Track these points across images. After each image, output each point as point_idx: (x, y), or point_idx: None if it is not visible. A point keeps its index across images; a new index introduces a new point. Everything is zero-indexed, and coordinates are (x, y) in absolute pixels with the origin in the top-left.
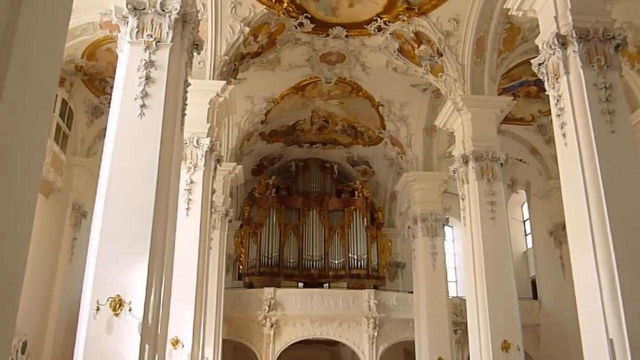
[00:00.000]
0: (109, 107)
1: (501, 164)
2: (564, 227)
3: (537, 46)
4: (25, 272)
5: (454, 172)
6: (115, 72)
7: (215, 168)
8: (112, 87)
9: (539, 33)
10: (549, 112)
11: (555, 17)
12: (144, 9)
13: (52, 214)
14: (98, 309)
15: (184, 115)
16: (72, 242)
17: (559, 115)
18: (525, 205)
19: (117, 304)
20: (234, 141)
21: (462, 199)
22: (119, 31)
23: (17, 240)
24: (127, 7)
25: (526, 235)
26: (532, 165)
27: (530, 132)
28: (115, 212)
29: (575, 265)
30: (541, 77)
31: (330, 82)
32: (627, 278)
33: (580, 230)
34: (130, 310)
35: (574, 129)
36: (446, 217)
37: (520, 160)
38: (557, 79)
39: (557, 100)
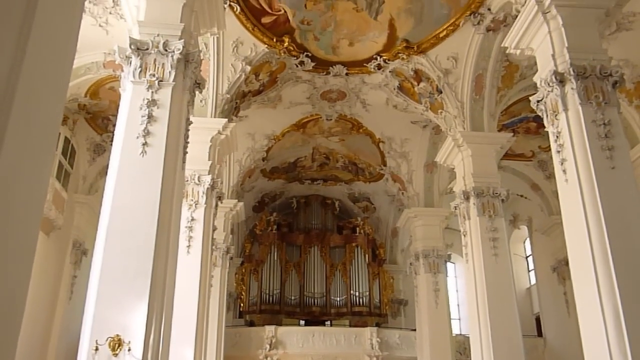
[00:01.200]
0: (111, 145)
1: (502, 200)
2: (567, 263)
3: (536, 83)
4: (24, 310)
5: (455, 208)
6: (117, 110)
7: (217, 205)
8: (114, 125)
9: (537, 70)
10: (548, 148)
11: (553, 55)
12: (147, 49)
13: (52, 252)
14: (97, 349)
15: (185, 153)
16: (72, 280)
17: (558, 152)
18: (528, 241)
19: (116, 344)
20: (235, 178)
21: (464, 235)
22: (122, 71)
23: (17, 280)
24: (130, 47)
25: (529, 271)
26: (534, 200)
27: (531, 168)
28: (116, 250)
29: (580, 301)
30: (540, 114)
31: (331, 120)
32: (631, 314)
33: (583, 266)
34: (129, 350)
35: (574, 165)
36: (448, 253)
37: (522, 196)
38: (556, 115)
39: (557, 136)
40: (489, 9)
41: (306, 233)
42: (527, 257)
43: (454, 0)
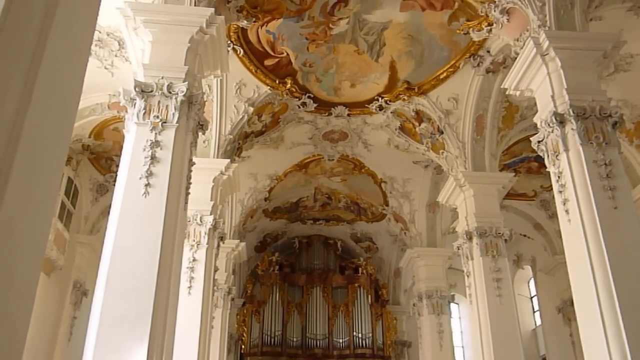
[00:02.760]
0: (114, 185)
1: (505, 240)
2: (572, 304)
3: (536, 124)
4: (23, 351)
5: (458, 249)
6: (121, 150)
7: (219, 245)
8: (117, 166)
9: (537, 111)
10: (550, 188)
11: (552, 97)
12: (152, 91)
13: (52, 292)
14: None
15: (187, 193)
16: (71, 321)
17: (560, 192)
18: (532, 281)
19: None
20: (238, 218)
21: (467, 276)
22: (126, 112)
23: (17, 321)
24: (135, 90)
25: (534, 312)
26: (537, 240)
27: (534, 208)
28: (116, 291)
29: (586, 343)
30: (541, 154)
31: (333, 160)
32: (639, 354)
33: (589, 307)
34: None
35: (577, 205)
36: (452, 294)
37: (525, 235)
38: (557, 156)
39: (558, 177)
40: (489, 51)
41: (308, 273)
42: (531, 298)
43: (454, 42)
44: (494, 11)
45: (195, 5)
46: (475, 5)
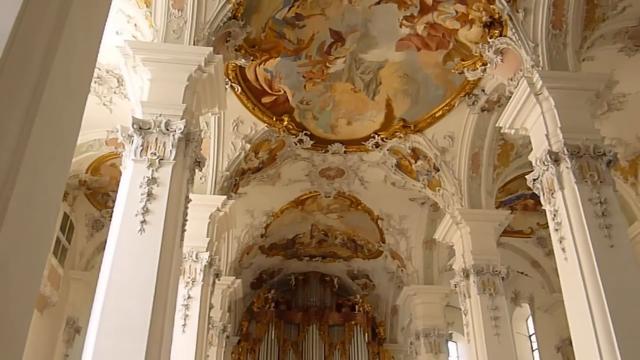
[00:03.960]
0: (110, 220)
1: (502, 277)
2: (571, 343)
3: (531, 161)
4: None
5: (455, 286)
6: (118, 186)
7: (214, 283)
8: (114, 201)
9: (532, 149)
10: (547, 225)
11: (547, 135)
12: (149, 128)
13: (45, 329)
14: None
15: (184, 230)
16: (63, 359)
17: (557, 230)
18: (530, 320)
19: None
20: (234, 255)
21: (465, 314)
22: (124, 149)
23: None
24: (132, 127)
25: (533, 350)
26: (535, 278)
27: (530, 245)
28: (110, 329)
29: None
30: (537, 192)
31: (329, 197)
32: None
33: (587, 346)
34: None
35: (573, 243)
36: (449, 332)
37: (522, 273)
38: (552, 194)
39: (554, 215)
40: (483, 90)
41: (304, 311)
42: (530, 336)
43: (449, 81)
44: (488, 51)
45: (194, 45)
46: (469, 45)
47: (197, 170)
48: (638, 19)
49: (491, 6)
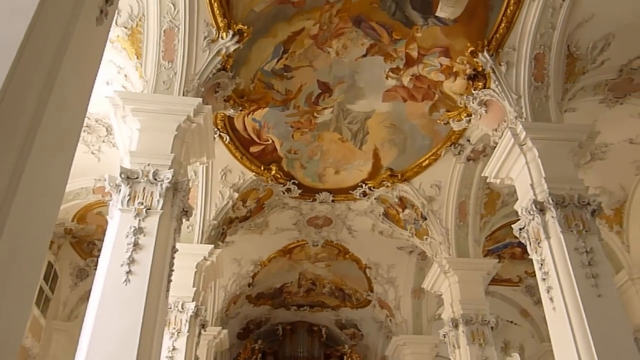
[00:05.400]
0: (95, 269)
1: (492, 327)
2: None
3: (517, 211)
4: None
5: (444, 336)
6: (104, 234)
7: (200, 333)
8: (99, 250)
9: (518, 198)
10: (535, 273)
11: (532, 185)
12: (137, 177)
13: None
14: None
15: (169, 281)
16: None
17: (544, 280)
18: None
19: None
20: (220, 304)
21: None
22: (111, 197)
23: None
24: (120, 176)
25: None
26: (524, 327)
27: (519, 293)
28: None
29: None
30: (523, 241)
31: (317, 245)
32: None
33: None
34: None
35: (561, 293)
36: None
37: (512, 322)
38: (538, 243)
39: (541, 264)
40: (469, 140)
41: None
42: None
43: (435, 131)
44: (473, 103)
45: (183, 95)
46: (454, 97)
47: (184, 220)
48: (617, 72)
49: (474, 59)
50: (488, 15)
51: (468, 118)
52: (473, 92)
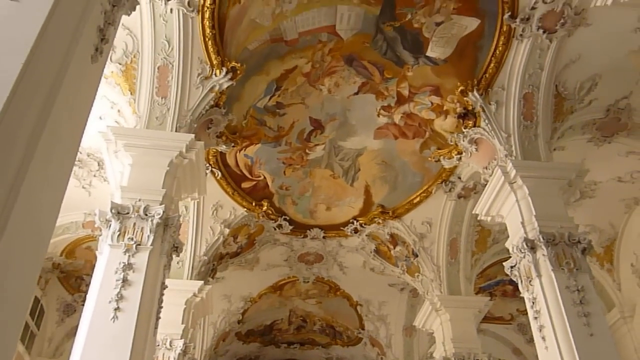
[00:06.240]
0: (83, 305)
1: None
2: None
3: (508, 248)
4: None
5: None
6: (92, 269)
7: None
8: (87, 285)
9: (509, 235)
10: (526, 312)
11: (522, 223)
12: (128, 213)
13: None
14: None
15: (158, 318)
16: None
17: (536, 318)
18: None
19: None
20: (209, 341)
21: None
22: (101, 232)
23: None
24: (111, 211)
25: None
26: None
27: (511, 331)
28: None
29: None
30: (514, 279)
31: (308, 282)
32: None
33: None
34: None
35: (553, 332)
36: None
37: None
38: (530, 281)
39: (533, 302)
40: (460, 178)
41: None
42: None
43: (426, 169)
44: (463, 141)
45: (176, 131)
46: (445, 135)
47: (174, 256)
48: (604, 112)
49: (465, 98)
50: (477, 56)
51: (459, 156)
52: (463, 130)
